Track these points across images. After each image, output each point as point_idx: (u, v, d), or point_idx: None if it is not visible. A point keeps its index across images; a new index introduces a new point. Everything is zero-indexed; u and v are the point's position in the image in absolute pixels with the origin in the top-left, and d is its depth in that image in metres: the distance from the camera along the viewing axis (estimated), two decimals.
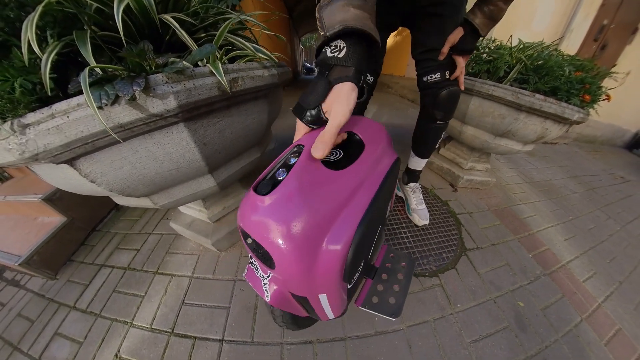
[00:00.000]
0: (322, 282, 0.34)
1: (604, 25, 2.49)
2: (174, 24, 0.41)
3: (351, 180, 0.35)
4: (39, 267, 0.91)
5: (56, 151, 0.33)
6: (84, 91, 0.28)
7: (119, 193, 0.46)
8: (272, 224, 0.28)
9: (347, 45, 0.30)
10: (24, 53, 0.34)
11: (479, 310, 0.79)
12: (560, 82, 0.94)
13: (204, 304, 0.76)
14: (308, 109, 0.33)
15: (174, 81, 0.33)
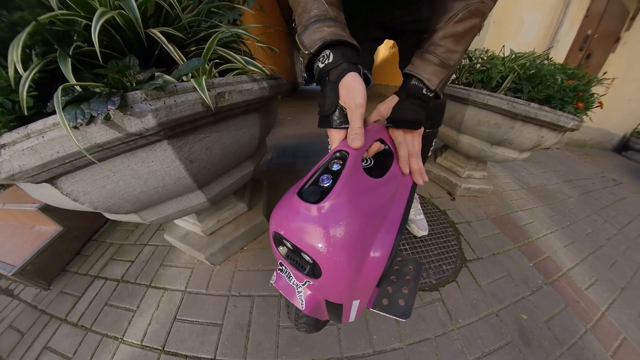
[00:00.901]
0: (361, 289, 0.34)
1: (588, 35, 2.57)
2: (160, 38, 0.40)
3: (390, 188, 0.36)
4: (32, 278, 0.88)
5: (33, 172, 0.31)
6: (57, 111, 0.26)
7: (104, 211, 0.43)
8: (323, 235, 0.26)
9: (332, 51, 0.34)
10: (10, 73, 0.33)
11: (481, 325, 0.75)
12: (554, 91, 0.93)
13: (196, 320, 0.72)
14: (330, 114, 0.35)
15: (153, 98, 0.31)
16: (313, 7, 0.36)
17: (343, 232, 0.27)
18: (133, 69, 0.36)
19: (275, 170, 1.52)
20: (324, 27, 0.34)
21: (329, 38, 0.34)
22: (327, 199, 0.26)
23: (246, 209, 0.88)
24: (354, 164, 0.30)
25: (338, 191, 0.27)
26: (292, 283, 0.37)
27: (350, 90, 0.33)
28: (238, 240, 0.85)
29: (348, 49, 0.35)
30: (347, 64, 0.34)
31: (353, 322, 0.70)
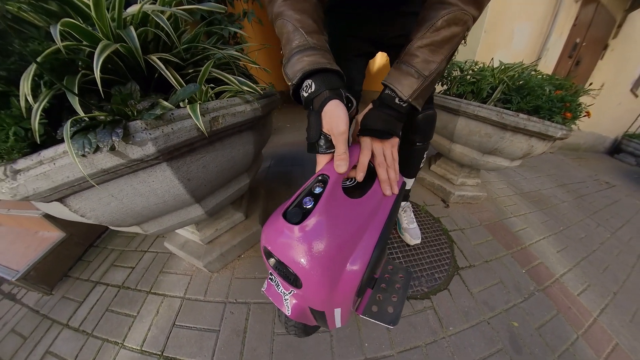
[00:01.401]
0: (340, 298, 0.37)
1: (577, 43, 2.63)
2: (159, 64, 0.43)
3: (368, 207, 0.39)
4: (35, 283, 0.90)
5: (45, 193, 0.34)
6: (66, 143, 0.29)
7: (108, 224, 0.46)
8: (303, 251, 0.30)
9: (313, 80, 0.35)
10: (22, 104, 0.36)
11: (473, 332, 0.75)
12: (542, 101, 0.95)
13: (194, 326, 0.74)
14: (315, 141, 0.36)
15: (152, 127, 0.34)
16: (294, 38, 0.37)
17: (319, 250, 0.30)
18: (134, 96, 0.39)
19: (272, 178, 1.54)
20: (304, 57, 0.36)
21: (308, 68, 0.35)
22: (306, 222, 0.30)
23: (243, 218, 0.91)
24: (333, 187, 0.33)
25: (317, 213, 0.30)
26: (280, 291, 0.41)
27: (332, 118, 0.34)
28: (235, 248, 0.87)
29: (329, 74, 0.36)
30: (328, 92, 0.35)
31: (345, 330, 0.72)
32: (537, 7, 2.12)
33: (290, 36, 0.37)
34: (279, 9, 0.38)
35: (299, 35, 0.37)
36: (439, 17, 0.35)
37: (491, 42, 2.03)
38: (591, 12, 2.52)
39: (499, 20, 1.98)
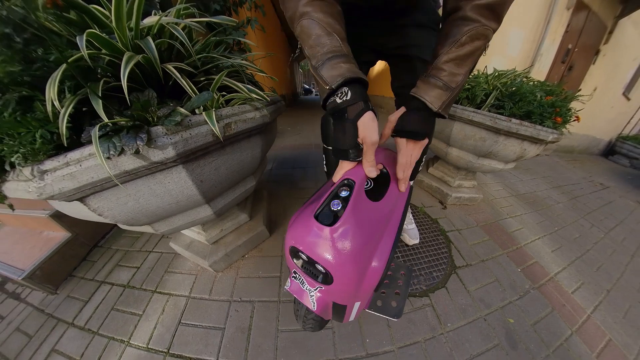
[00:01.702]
0: (363, 292, 0.40)
1: (569, 49, 2.72)
2: (175, 73, 0.46)
3: (386, 209, 0.43)
4: (40, 282, 0.90)
5: (69, 193, 0.37)
6: (95, 147, 0.31)
7: (123, 224, 0.48)
8: (336, 250, 0.33)
9: (350, 89, 0.37)
10: (48, 108, 0.39)
11: (470, 329, 0.78)
12: (534, 107, 0.99)
13: (199, 324, 0.75)
14: (350, 149, 0.39)
15: (172, 132, 0.37)
16: (326, 42, 0.37)
17: (351, 249, 0.33)
18: (152, 102, 0.42)
19: (275, 180, 1.57)
20: (341, 64, 0.37)
21: (348, 75, 0.36)
22: (339, 222, 0.33)
23: (247, 219, 0.93)
24: (359, 191, 0.37)
25: (347, 216, 0.34)
26: (305, 288, 0.43)
27: (368, 129, 0.36)
28: (240, 248, 0.89)
29: (361, 86, 0.38)
30: (363, 103, 0.37)
31: (347, 327, 0.74)
32: (530, 14, 2.20)
33: (321, 39, 0.37)
34: (305, 8, 0.37)
35: (332, 39, 0.37)
36: (463, 34, 0.38)
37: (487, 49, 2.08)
38: (582, 19, 2.60)
39: None
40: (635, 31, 3.16)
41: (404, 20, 0.64)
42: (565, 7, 2.33)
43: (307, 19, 0.38)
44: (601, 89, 3.45)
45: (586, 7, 2.55)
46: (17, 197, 0.42)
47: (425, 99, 0.41)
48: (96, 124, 0.40)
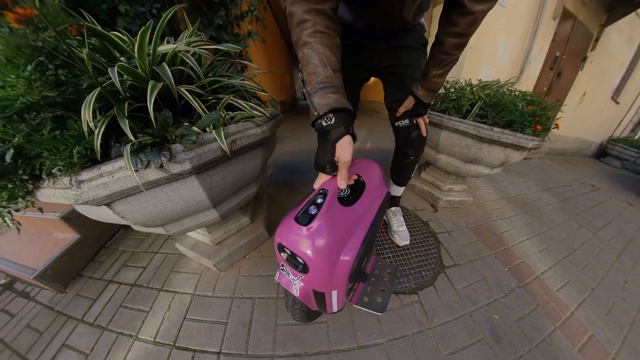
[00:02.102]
0: (336, 282, 0.48)
1: (557, 57, 2.83)
2: (188, 96, 0.54)
3: (357, 213, 0.52)
4: (51, 281, 0.94)
5: (101, 199, 0.44)
6: (127, 162, 0.39)
7: (140, 225, 0.56)
8: (310, 245, 0.42)
9: (334, 115, 0.44)
10: (84, 128, 0.46)
11: (455, 324, 0.82)
12: (515, 116, 1.05)
13: (204, 319, 0.81)
14: (327, 164, 0.46)
15: (189, 149, 0.44)
16: (321, 72, 0.43)
17: (322, 244, 0.42)
18: (168, 121, 0.49)
19: (275, 185, 1.63)
20: (330, 94, 0.43)
21: (335, 105, 0.43)
22: (312, 223, 0.41)
23: (249, 221, 1.00)
24: (331, 199, 0.45)
25: (319, 218, 0.42)
26: (290, 278, 0.51)
27: (343, 150, 0.44)
28: (241, 249, 0.96)
29: (345, 114, 0.45)
30: (344, 128, 0.44)
31: (340, 321, 0.79)
32: (517, 24, 2.30)
33: (317, 69, 0.43)
34: (307, 38, 0.43)
35: (326, 71, 0.43)
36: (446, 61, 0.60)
37: (477, 57, 2.20)
38: (569, 27, 2.72)
39: (482, 37, 2.15)
40: (620, 38, 3.29)
41: (397, 43, 0.74)
42: (552, 17, 2.44)
43: (308, 48, 0.44)
44: (590, 94, 3.59)
45: (572, 17, 2.66)
46: (50, 202, 0.49)
47: (421, 97, 0.70)
48: (122, 141, 0.48)
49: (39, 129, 0.47)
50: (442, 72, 0.63)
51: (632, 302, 1.10)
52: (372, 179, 0.62)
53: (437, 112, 1.21)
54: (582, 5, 2.65)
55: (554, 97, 3.20)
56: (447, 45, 0.57)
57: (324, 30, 0.43)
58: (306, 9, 0.43)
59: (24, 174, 0.47)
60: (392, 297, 0.87)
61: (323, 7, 0.43)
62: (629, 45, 3.57)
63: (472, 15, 0.50)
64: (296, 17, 0.43)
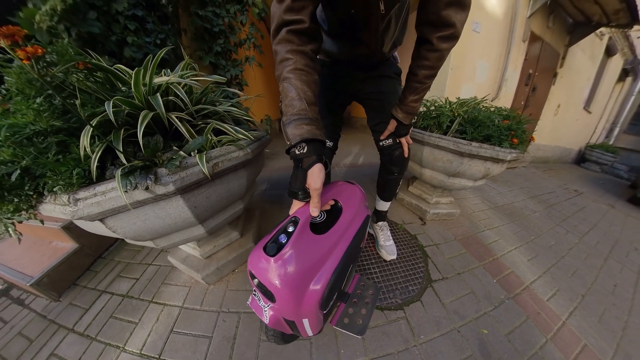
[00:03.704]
0: (306, 310, 0.48)
1: (530, 74, 3.11)
2: (177, 122, 0.60)
3: (331, 240, 0.52)
4: (46, 289, 0.95)
5: (94, 216, 0.48)
6: (117, 184, 0.44)
7: (130, 239, 0.60)
8: (276, 276, 0.42)
9: (307, 144, 0.46)
10: (81, 152, 0.52)
11: (443, 340, 0.79)
12: (492, 130, 1.10)
13: (190, 332, 0.81)
14: (299, 191, 0.48)
15: (173, 173, 0.50)
16: (297, 104, 0.46)
17: (290, 275, 0.42)
18: (159, 146, 0.55)
19: (268, 200, 1.65)
20: (304, 125, 0.45)
21: (306, 136, 0.45)
22: (279, 256, 0.42)
23: (239, 236, 1.03)
24: (302, 227, 0.46)
25: (288, 248, 0.43)
26: (261, 305, 0.52)
27: (314, 178, 0.45)
28: (230, 263, 0.98)
29: (319, 143, 0.47)
30: (316, 157, 0.46)
31: (324, 338, 0.78)
32: (492, 46, 2.53)
33: (293, 102, 0.47)
34: (288, 74, 0.47)
35: (302, 104, 0.47)
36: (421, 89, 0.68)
37: (457, 77, 2.35)
38: (538, 48, 3.01)
39: (462, 58, 2.34)
40: (584, 56, 3.70)
41: (376, 73, 0.83)
42: (522, 40, 2.70)
43: (287, 83, 0.48)
44: (564, 106, 3.94)
45: (539, 39, 2.94)
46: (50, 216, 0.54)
47: (401, 119, 0.76)
48: (117, 163, 0.53)
49: (45, 152, 0.53)
50: (417, 98, 0.71)
51: (622, 306, 1.08)
52: (350, 204, 0.61)
53: (419, 129, 1.27)
54: (547, 29, 2.95)
55: (531, 110, 3.47)
56: (420, 76, 0.65)
57: (303, 68, 0.48)
58: (289, 49, 0.48)
59: (29, 190, 0.52)
60: (377, 313, 0.86)
61: (305, 49, 0.50)
62: (592, 62, 4.02)
63: (439, 51, 0.58)
64: (280, 55, 0.49)
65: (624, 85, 6.26)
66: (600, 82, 4.74)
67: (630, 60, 5.33)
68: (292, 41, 0.48)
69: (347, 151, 2.88)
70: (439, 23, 0.54)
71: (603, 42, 3.98)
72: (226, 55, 2.07)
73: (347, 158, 2.61)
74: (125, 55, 1.31)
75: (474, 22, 2.29)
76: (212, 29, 1.88)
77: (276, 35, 0.50)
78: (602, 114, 5.79)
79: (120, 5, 1.22)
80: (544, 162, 4.29)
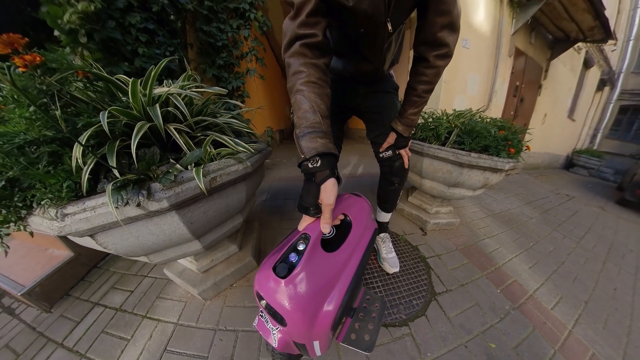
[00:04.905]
0: (318, 333, 0.43)
1: (518, 86, 3.31)
2: (174, 134, 0.56)
3: (343, 257, 0.48)
4: (37, 299, 0.90)
5: (83, 232, 0.44)
6: (108, 199, 0.40)
7: (123, 254, 0.55)
8: (288, 300, 0.38)
9: (321, 158, 0.44)
10: (73, 164, 0.48)
11: (450, 357, 0.76)
12: (489, 141, 1.09)
13: (184, 352, 0.75)
14: (311, 206, 0.45)
15: (167, 188, 0.45)
16: (310, 117, 0.46)
17: (302, 297, 0.38)
18: (155, 158, 0.51)
19: (268, 211, 1.61)
20: (318, 139, 0.45)
21: (321, 150, 0.44)
22: (291, 275, 0.38)
23: (237, 250, 0.97)
24: (313, 245, 0.42)
25: (299, 271, 0.39)
26: (269, 327, 0.47)
27: (327, 192, 0.44)
28: (228, 277, 0.92)
29: (332, 157, 0.46)
30: (329, 171, 0.44)
31: (327, 357, 0.73)
32: (481, 62, 2.66)
33: (307, 114, 0.46)
34: (301, 87, 0.47)
35: (316, 116, 0.46)
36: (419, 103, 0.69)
37: (451, 89, 2.42)
38: (522, 62, 3.22)
39: (455, 73, 2.43)
40: (564, 68, 4.00)
41: (375, 88, 0.84)
42: (508, 55, 2.88)
43: (301, 95, 0.47)
44: (550, 115, 4.19)
45: (523, 54, 3.16)
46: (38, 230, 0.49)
47: (400, 132, 0.76)
48: (110, 176, 0.49)
49: (35, 162, 0.49)
50: (416, 111, 0.72)
51: (624, 310, 1.07)
52: (359, 218, 0.58)
53: (418, 140, 1.25)
54: (530, 44, 3.17)
55: (521, 120, 3.67)
56: (419, 90, 0.67)
57: (316, 81, 0.48)
58: (303, 62, 0.48)
59: (18, 201, 0.47)
60: (382, 331, 0.81)
61: (317, 62, 0.49)
62: (573, 73, 4.31)
63: (436, 68, 0.61)
64: (293, 68, 0.49)
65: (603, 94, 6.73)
66: (581, 92, 5.05)
67: (607, 72, 5.74)
68: (305, 54, 0.48)
69: (346, 161, 2.88)
70: (434, 43, 0.57)
71: (581, 55, 4.29)
72: (228, 68, 2.08)
73: (347, 168, 2.62)
74: (136, 64, 1.32)
75: (463, 39, 2.38)
76: (216, 43, 1.91)
77: (288, 49, 0.49)
78: (584, 121, 6.10)
79: (134, 18, 1.25)
80: (535, 169, 4.46)
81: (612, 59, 5.69)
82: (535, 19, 2.83)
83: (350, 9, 0.50)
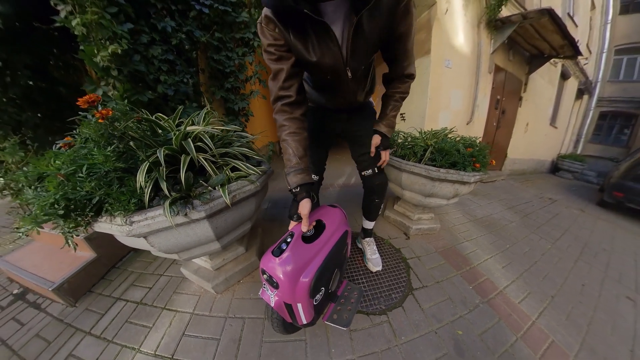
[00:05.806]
0: (299, 296, 0.66)
1: (499, 99, 3.59)
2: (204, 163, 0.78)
3: (316, 247, 0.73)
4: (65, 294, 1.01)
5: (143, 234, 0.65)
6: (165, 212, 0.61)
7: (163, 252, 0.75)
8: (280, 270, 0.62)
9: (300, 187, 0.69)
10: (137, 186, 0.69)
11: (421, 341, 0.87)
12: (457, 158, 1.29)
13: (200, 335, 0.89)
14: (294, 215, 0.73)
15: (204, 203, 0.68)
16: (293, 159, 0.69)
17: (288, 269, 0.63)
18: (191, 181, 0.73)
19: (269, 218, 1.78)
20: (298, 175, 0.69)
21: (301, 182, 0.69)
22: (281, 257, 0.63)
23: (244, 251, 1.17)
24: (296, 239, 0.68)
25: (287, 252, 0.63)
26: (269, 293, 0.69)
27: (303, 207, 0.69)
28: (237, 274, 1.11)
29: (308, 185, 0.70)
30: (306, 194, 0.69)
31: (317, 339, 0.88)
32: (463, 78, 2.92)
33: (291, 157, 0.70)
34: (285, 137, 0.70)
35: (296, 159, 0.69)
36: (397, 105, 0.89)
37: (435, 105, 2.67)
38: (502, 77, 3.50)
39: (438, 90, 2.68)
40: (543, 81, 4.30)
41: (357, 115, 1.02)
42: (488, 72, 3.15)
43: (285, 144, 0.71)
44: (532, 124, 4.46)
45: (503, 70, 3.46)
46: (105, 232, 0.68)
47: (384, 132, 0.93)
48: (159, 195, 0.71)
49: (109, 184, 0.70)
50: (395, 114, 0.92)
51: (588, 304, 1.14)
52: (331, 222, 0.85)
53: (398, 157, 1.46)
54: (508, 61, 3.48)
55: (503, 130, 3.92)
56: (397, 96, 0.87)
57: (295, 131, 0.71)
58: (285, 117, 0.71)
59: (90, 211, 0.68)
60: (363, 318, 0.97)
61: (295, 115, 0.72)
62: (551, 85, 4.64)
63: (407, 84, 0.84)
64: (278, 122, 0.72)
65: (582, 102, 7.22)
66: (560, 101, 5.44)
67: (584, 82, 6.26)
68: (285, 111, 0.71)
69: (340, 172, 3.04)
70: (403, 76, 0.82)
71: (557, 68, 4.58)
72: (235, 91, 2.36)
73: (340, 179, 2.77)
74: (158, 91, 1.55)
75: (445, 60, 2.65)
76: (225, 69, 2.18)
77: (274, 106, 0.72)
78: (567, 128, 6.47)
79: (156, 50, 1.50)
80: (521, 174, 4.64)
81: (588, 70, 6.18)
82: (511, 39, 3.14)
83: (315, 63, 0.66)
